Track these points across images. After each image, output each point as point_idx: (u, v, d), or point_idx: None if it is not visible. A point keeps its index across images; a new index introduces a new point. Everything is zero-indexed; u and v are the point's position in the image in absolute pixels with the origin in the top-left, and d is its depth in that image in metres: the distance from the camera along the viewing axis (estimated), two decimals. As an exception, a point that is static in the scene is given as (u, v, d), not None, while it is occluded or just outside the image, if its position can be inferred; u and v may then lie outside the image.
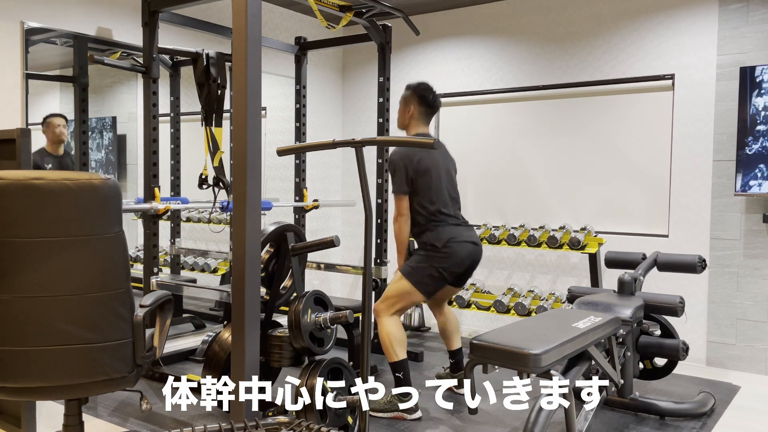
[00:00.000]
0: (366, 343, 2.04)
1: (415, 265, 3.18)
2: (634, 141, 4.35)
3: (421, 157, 3.20)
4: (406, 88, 3.39)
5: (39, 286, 1.81)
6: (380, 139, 2.05)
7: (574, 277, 4.59)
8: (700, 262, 3.33)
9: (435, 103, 3.37)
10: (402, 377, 3.12)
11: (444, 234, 3.17)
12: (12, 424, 2.66)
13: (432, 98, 3.35)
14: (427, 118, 3.38)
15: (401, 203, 3.21)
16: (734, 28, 3.96)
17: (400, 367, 3.12)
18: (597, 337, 2.53)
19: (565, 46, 4.60)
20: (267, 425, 1.74)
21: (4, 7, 3.50)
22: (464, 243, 3.19)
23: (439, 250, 3.14)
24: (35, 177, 1.80)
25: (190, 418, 3.05)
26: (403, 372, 3.12)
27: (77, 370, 1.87)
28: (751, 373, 3.96)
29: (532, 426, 2.31)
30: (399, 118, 3.42)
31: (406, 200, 3.21)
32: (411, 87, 3.38)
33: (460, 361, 3.54)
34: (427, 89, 3.35)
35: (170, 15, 3.70)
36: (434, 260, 3.15)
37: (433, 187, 3.21)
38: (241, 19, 2.18)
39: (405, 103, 3.39)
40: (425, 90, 3.35)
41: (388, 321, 3.17)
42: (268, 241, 2.91)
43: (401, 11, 3.93)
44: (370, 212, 2.06)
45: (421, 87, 3.36)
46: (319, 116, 5.60)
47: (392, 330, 3.15)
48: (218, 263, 4.79)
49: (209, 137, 3.51)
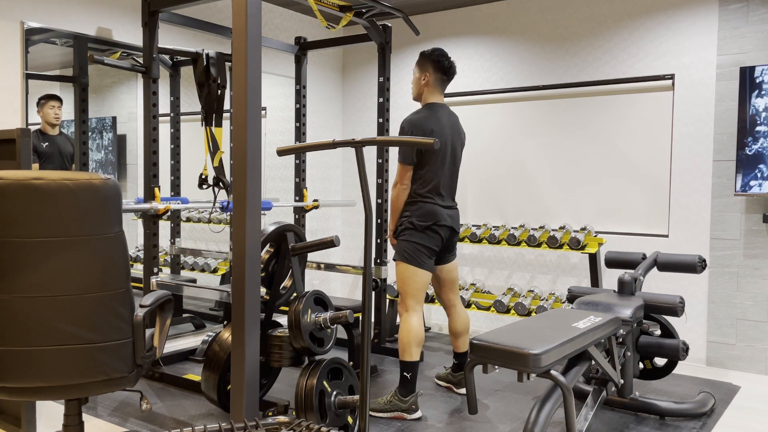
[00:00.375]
0: (366, 343, 2.04)
1: (402, 248, 3.21)
2: (634, 141, 4.36)
3: (433, 130, 3.17)
4: (420, 55, 3.32)
5: (39, 286, 1.81)
6: (380, 139, 2.05)
7: (574, 277, 4.59)
8: (700, 262, 3.33)
9: (451, 69, 3.31)
10: (409, 378, 3.11)
11: (427, 213, 3.18)
12: (12, 424, 2.66)
13: (448, 64, 3.28)
14: (442, 85, 3.32)
15: (405, 172, 3.20)
16: (734, 28, 3.97)
17: (410, 368, 3.12)
18: (597, 337, 2.53)
19: (565, 46, 4.60)
20: (267, 425, 1.74)
21: (4, 7, 3.50)
22: (443, 227, 3.21)
23: (417, 230, 3.18)
24: (35, 177, 1.80)
25: (190, 418, 3.05)
26: (411, 374, 3.12)
27: (77, 370, 1.87)
28: (751, 373, 3.96)
29: (532, 426, 2.31)
30: (414, 86, 3.35)
31: (410, 171, 3.20)
32: (426, 53, 3.30)
33: (464, 363, 3.54)
34: (442, 55, 3.28)
35: (170, 15, 3.70)
36: (414, 237, 3.18)
37: (434, 167, 3.20)
38: (241, 19, 2.18)
39: (420, 70, 3.31)
40: (441, 56, 3.28)
41: (411, 317, 3.18)
42: (268, 241, 2.91)
43: (401, 11, 3.93)
44: (370, 212, 2.06)
45: (436, 53, 3.28)
46: (319, 116, 5.60)
47: (413, 327, 3.15)
48: (218, 263, 4.79)
49: (209, 137, 3.51)
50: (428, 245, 3.19)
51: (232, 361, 2.24)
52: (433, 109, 3.24)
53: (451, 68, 3.31)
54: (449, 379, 3.58)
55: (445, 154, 3.23)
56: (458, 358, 3.53)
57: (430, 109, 3.24)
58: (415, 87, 3.35)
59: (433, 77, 3.28)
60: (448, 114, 3.30)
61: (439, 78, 3.28)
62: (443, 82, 3.31)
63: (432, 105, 3.27)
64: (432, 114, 3.22)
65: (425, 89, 3.30)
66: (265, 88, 5.06)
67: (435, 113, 3.23)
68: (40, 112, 3.68)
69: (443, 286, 3.46)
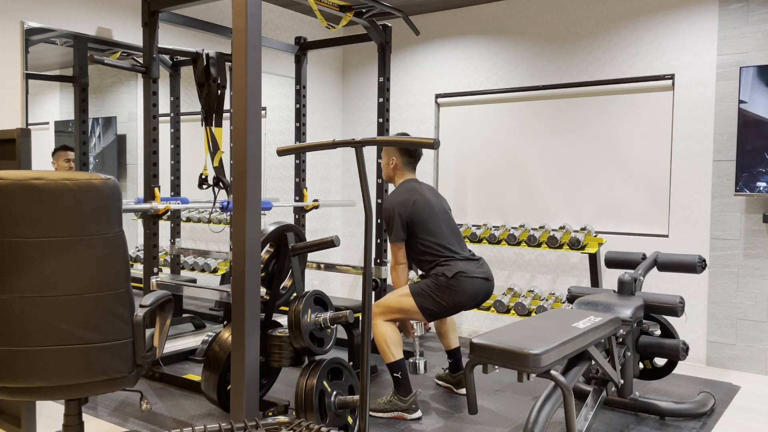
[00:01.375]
0: (366, 343, 2.04)
1: (425, 290, 3.14)
2: (634, 141, 4.36)
3: (415, 200, 3.22)
4: None
5: (39, 286, 1.81)
6: (380, 139, 2.05)
7: (574, 277, 4.59)
8: (700, 262, 3.33)
9: (416, 152, 3.40)
10: (400, 377, 3.11)
11: (455, 267, 3.13)
12: (12, 424, 2.66)
13: (412, 148, 3.34)
14: (411, 166, 3.41)
15: (398, 251, 3.22)
16: (734, 28, 3.97)
17: (397, 367, 3.12)
18: (597, 337, 2.53)
19: (565, 46, 4.60)
20: (267, 425, 1.74)
21: (4, 7, 3.50)
22: (475, 278, 3.15)
23: (449, 282, 3.10)
24: (35, 177, 1.80)
25: (190, 418, 3.05)
26: (401, 371, 3.12)
27: (77, 370, 1.87)
28: (751, 373, 3.96)
29: (532, 426, 2.31)
30: (384, 171, 3.45)
31: (404, 248, 3.23)
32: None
33: (459, 361, 3.54)
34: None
35: (170, 15, 3.70)
36: (444, 292, 3.11)
37: (432, 224, 3.22)
38: (241, 19, 2.18)
39: (387, 155, 3.41)
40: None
41: (382, 323, 3.17)
42: (268, 241, 2.91)
43: (401, 11, 3.93)
44: (370, 212, 2.06)
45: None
46: (319, 116, 5.60)
47: (386, 331, 3.15)
48: (218, 263, 4.79)
49: (209, 137, 3.51)
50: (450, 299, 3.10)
51: (232, 361, 2.24)
52: (409, 185, 3.32)
53: (417, 150, 3.39)
54: (448, 380, 3.58)
55: (436, 215, 3.26)
56: (451, 356, 3.54)
57: (408, 185, 3.32)
58: (384, 171, 3.46)
59: (400, 161, 3.38)
60: (425, 185, 3.39)
61: (406, 161, 3.38)
62: (411, 164, 3.40)
63: (407, 182, 3.36)
64: (411, 188, 3.29)
65: (395, 172, 3.41)
66: (265, 88, 5.06)
67: (413, 187, 3.30)
68: (54, 163, 3.79)
69: None
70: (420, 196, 3.25)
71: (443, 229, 3.25)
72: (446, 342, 3.52)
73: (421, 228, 3.20)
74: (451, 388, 3.56)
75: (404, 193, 3.26)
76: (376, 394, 3.46)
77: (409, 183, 3.34)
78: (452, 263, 3.15)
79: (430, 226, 3.21)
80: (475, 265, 3.20)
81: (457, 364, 3.54)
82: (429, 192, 3.34)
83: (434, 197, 3.34)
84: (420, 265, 3.26)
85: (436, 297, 3.12)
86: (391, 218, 3.21)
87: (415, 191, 3.27)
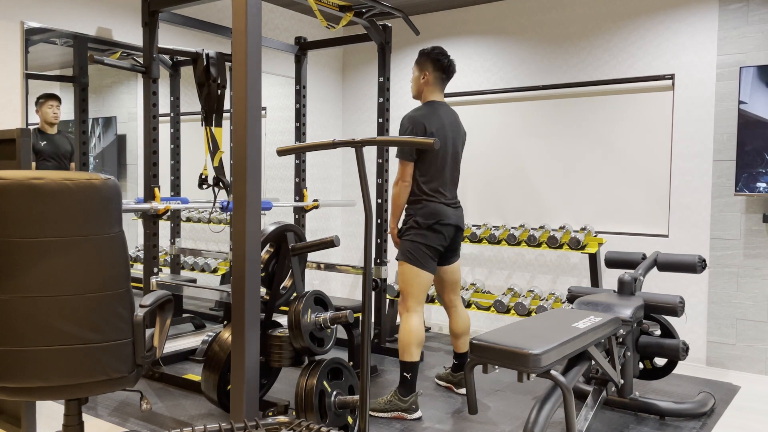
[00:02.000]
0: (366, 343, 2.04)
1: (406, 248, 3.21)
2: (634, 141, 4.36)
3: (434, 130, 3.17)
4: (420, 54, 3.32)
5: (39, 286, 1.81)
6: (380, 139, 2.05)
7: (574, 277, 4.59)
8: (700, 262, 3.33)
9: (451, 68, 3.31)
10: (409, 378, 3.11)
11: (432, 212, 3.18)
12: (12, 424, 2.66)
13: (447, 62, 3.28)
14: (442, 84, 3.32)
15: (406, 169, 3.19)
16: (734, 28, 3.97)
17: (410, 368, 3.11)
18: (597, 337, 2.53)
19: (565, 46, 4.60)
20: (267, 425, 1.74)
21: (4, 7, 3.50)
22: (448, 225, 3.21)
23: (422, 229, 3.17)
24: (35, 177, 1.80)
25: (190, 418, 3.05)
26: (411, 374, 3.12)
27: (77, 370, 1.87)
28: (751, 373, 3.96)
29: (532, 426, 2.31)
30: (413, 85, 3.36)
31: (411, 167, 3.20)
32: (425, 52, 3.30)
33: (464, 363, 3.54)
34: (442, 53, 3.28)
35: (170, 15, 3.70)
36: (419, 237, 3.17)
37: (436, 165, 3.20)
38: (241, 19, 2.18)
39: (420, 69, 3.31)
40: (440, 54, 3.28)
41: (411, 317, 3.17)
42: (268, 241, 2.91)
43: (401, 11, 3.93)
44: (370, 212, 2.06)
45: (435, 51, 3.28)
46: (319, 116, 5.60)
47: (414, 328, 3.15)
48: (218, 263, 4.79)
49: (209, 137, 3.51)
50: (432, 245, 3.18)
51: (232, 361, 2.24)
52: (433, 107, 3.25)
53: (451, 66, 3.30)
54: (449, 379, 3.58)
55: (446, 152, 3.23)
56: (458, 358, 3.53)
57: (431, 107, 3.25)
58: (414, 85, 3.35)
59: (432, 76, 3.28)
60: (449, 112, 3.31)
61: (438, 77, 3.29)
62: (443, 81, 3.31)
63: (432, 103, 3.28)
64: (432, 111, 3.22)
65: (425, 88, 3.31)
66: (265, 88, 5.06)
67: (436, 111, 3.23)
68: (38, 112, 3.68)
69: (445, 286, 3.46)
70: (440, 127, 3.20)
71: (444, 172, 3.24)
72: (457, 344, 3.51)
73: (425, 160, 3.19)
74: (452, 388, 3.56)
75: (426, 117, 3.19)
76: (376, 394, 3.46)
77: (435, 105, 3.26)
78: (431, 205, 3.19)
79: (434, 163, 3.20)
80: (451, 211, 3.24)
81: (461, 365, 3.54)
82: (450, 123, 3.28)
83: (452, 130, 3.29)
84: None
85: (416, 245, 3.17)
86: (406, 134, 3.17)
87: (437, 118, 3.21)
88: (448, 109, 3.31)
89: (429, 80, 3.28)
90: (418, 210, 3.20)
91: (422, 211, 3.19)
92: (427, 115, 3.19)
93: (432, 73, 3.28)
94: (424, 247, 3.17)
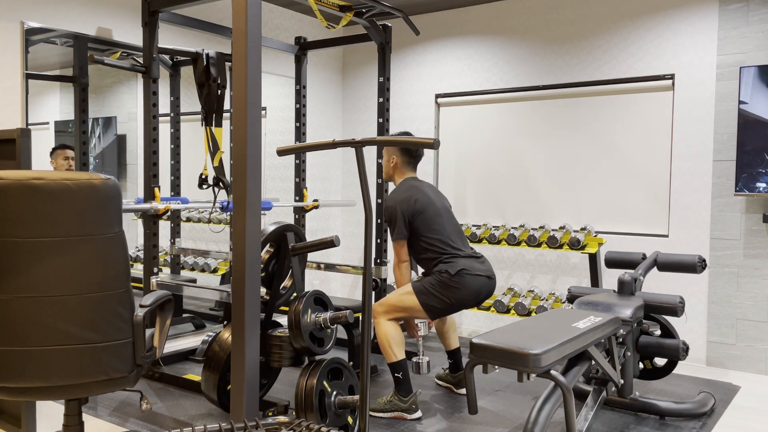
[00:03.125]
0: (366, 343, 2.04)
1: (428, 288, 3.15)
2: (634, 141, 4.36)
3: (417, 198, 3.22)
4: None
5: (39, 286, 1.81)
6: (380, 139, 2.05)
7: (574, 277, 4.59)
8: (700, 262, 3.33)
9: (417, 152, 3.41)
10: (401, 377, 3.11)
11: (458, 265, 3.14)
12: (12, 424, 2.66)
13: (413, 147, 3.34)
14: (412, 165, 3.42)
15: (401, 249, 3.22)
16: (734, 28, 3.97)
17: (399, 367, 3.12)
18: (597, 337, 2.53)
19: (565, 46, 4.60)
20: (267, 425, 1.74)
21: (4, 7, 3.50)
22: (478, 276, 3.16)
23: (452, 279, 3.11)
24: (35, 177, 1.80)
25: (190, 418, 3.05)
26: (402, 372, 3.12)
27: (77, 370, 1.87)
28: (751, 373, 3.96)
29: (532, 426, 2.31)
30: (384, 169, 3.47)
31: (406, 246, 3.23)
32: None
33: (459, 361, 3.54)
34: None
35: (170, 15, 3.70)
36: (448, 289, 3.12)
37: (434, 222, 3.22)
38: (241, 19, 2.18)
39: (387, 153, 3.43)
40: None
41: (385, 323, 3.17)
42: (268, 241, 2.91)
43: (401, 11, 3.93)
44: (370, 212, 2.06)
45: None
46: (319, 116, 5.60)
47: (390, 331, 3.15)
48: (218, 263, 4.79)
49: (209, 137, 3.51)
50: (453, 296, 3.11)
51: (232, 361, 2.24)
52: (411, 183, 3.33)
53: (417, 151, 3.40)
54: (449, 380, 3.58)
55: (438, 213, 3.26)
56: (452, 356, 3.54)
57: (407, 183, 3.34)
58: (385, 169, 3.48)
59: (400, 160, 3.39)
60: (427, 184, 3.40)
61: (406, 160, 3.40)
62: (411, 163, 3.42)
63: (407, 179, 3.38)
64: (412, 186, 3.31)
65: (395, 171, 3.43)
66: (265, 88, 5.06)
67: (415, 185, 3.32)
68: (53, 162, 3.76)
69: None
70: (422, 195, 3.25)
71: (445, 226, 3.25)
72: (446, 342, 3.52)
73: (423, 226, 3.20)
74: (451, 388, 3.56)
75: (406, 191, 3.26)
76: (376, 394, 3.46)
77: (410, 181, 3.35)
78: (455, 260, 3.16)
79: (433, 224, 3.21)
80: (477, 262, 3.21)
81: (458, 364, 3.54)
82: (430, 190, 3.35)
83: (435, 195, 3.35)
84: (422, 263, 3.26)
85: (439, 294, 3.12)
86: (394, 216, 3.21)
87: (417, 189, 3.28)
88: (425, 182, 3.40)
89: (397, 164, 3.41)
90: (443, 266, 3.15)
91: (446, 266, 3.15)
92: (408, 190, 3.26)
93: (399, 157, 3.39)
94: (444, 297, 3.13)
